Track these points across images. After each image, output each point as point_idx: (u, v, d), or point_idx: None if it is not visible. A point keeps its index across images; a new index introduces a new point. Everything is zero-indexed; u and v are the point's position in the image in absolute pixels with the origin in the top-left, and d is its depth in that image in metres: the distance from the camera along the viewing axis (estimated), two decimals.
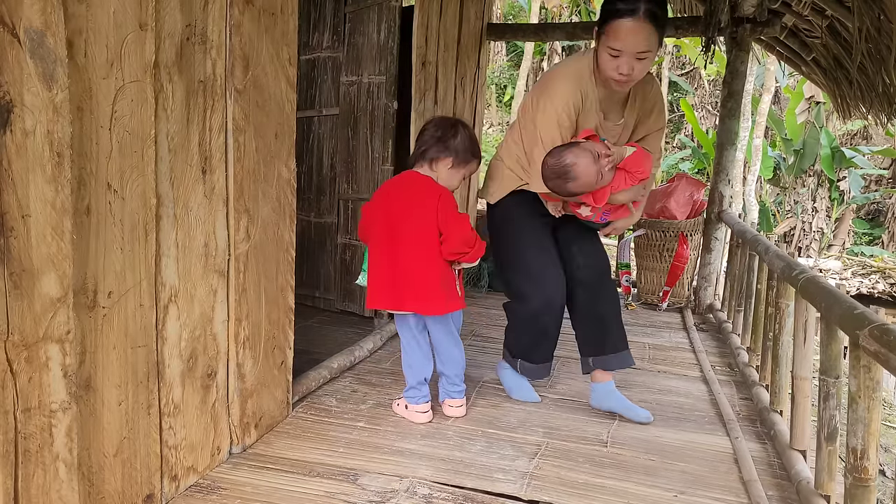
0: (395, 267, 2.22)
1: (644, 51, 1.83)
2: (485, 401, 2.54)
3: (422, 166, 2.28)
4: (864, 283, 7.75)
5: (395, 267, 2.22)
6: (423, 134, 2.30)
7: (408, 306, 2.24)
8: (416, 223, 2.20)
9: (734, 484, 1.97)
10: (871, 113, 4.24)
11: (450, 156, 2.25)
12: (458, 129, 2.28)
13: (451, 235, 2.20)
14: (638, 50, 1.84)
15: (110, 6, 1.36)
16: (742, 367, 2.95)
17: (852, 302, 1.61)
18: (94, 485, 1.46)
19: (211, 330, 1.83)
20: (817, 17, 3.82)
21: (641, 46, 1.82)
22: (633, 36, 1.81)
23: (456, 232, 2.20)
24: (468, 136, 2.29)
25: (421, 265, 2.20)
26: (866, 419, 1.47)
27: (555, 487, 1.91)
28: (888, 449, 4.73)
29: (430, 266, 2.20)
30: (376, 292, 2.26)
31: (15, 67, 1.15)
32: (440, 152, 2.24)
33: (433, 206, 2.20)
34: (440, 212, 2.20)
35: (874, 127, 10.79)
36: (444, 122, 2.31)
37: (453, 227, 2.20)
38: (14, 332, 1.20)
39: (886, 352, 1.31)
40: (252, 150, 1.91)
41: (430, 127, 2.30)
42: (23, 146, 1.18)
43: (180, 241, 1.66)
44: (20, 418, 1.23)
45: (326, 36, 3.62)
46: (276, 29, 1.97)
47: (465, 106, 4.13)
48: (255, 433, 2.09)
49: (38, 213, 1.22)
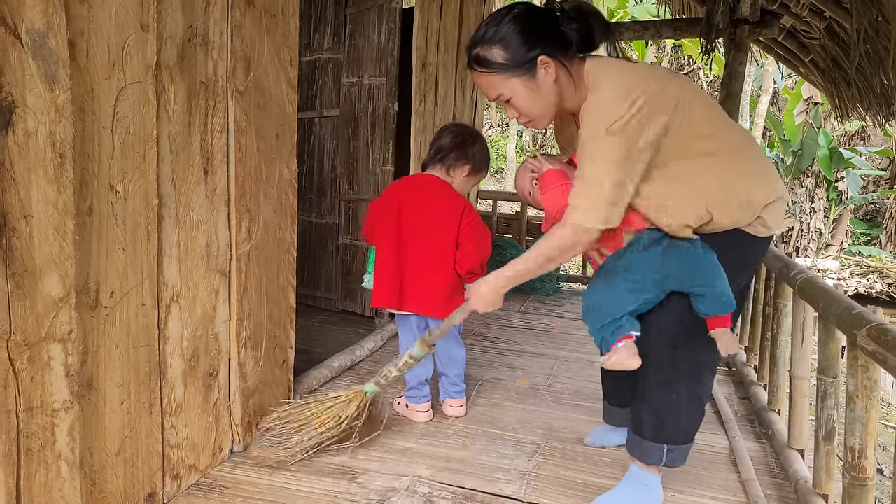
0: (404, 267, 2.22)
1: (496, 97, 1.63)
2: (485, 400, 2.55)
3: (438, 170, 2.28)
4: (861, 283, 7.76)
5: (404, 267, 2.22)
6: (441, 139, 2.29)
7: (414, 307, 2.24)
8: (432, 226, 2.20)
9: (732, 483, 1.97)
10: (869, 113, 4.26)
11: (469, 163, 2.26)
12: (477, 138, 2.31)
13: (472, 253, 2.21)
14: (491, 98, 1.66)
15: (112, 7, 1.37)
16: (740, 366, 2.95)
17: (850, 302, 1.62)
18: (96, 483, 1.46)
19: (213, 329, 1.83)
20: (815, 18, 3.84)
21: (491, 94, 1.64)
22: (482, 87, 1.66)
23: (478, 252, 2.22)
24: (484, 146, 2.33)
25: (432, 268, 2.21)
26: (864, 418, 1.48)
27: (554, 487, 1.91)
28: (886, 448, 4.75)
29: (441, 270, 2.21)
30: (382, 291, 2.25)
31: (17, 68, 1.16)
32: (459, 159, 2.25)
33: (456, 215, 2.20)
34: (465, 225, 2.21)
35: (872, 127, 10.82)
36: (463, 130, 2.31)
37: (478, 246, 2.22)
38: (16, 331, 1.21)
39: (884, 351, 1.32)
40: (253, 150, 1.92)
41: (449, 133, 2.29)
42: (25, 147, 1.18)
43: (182, 241, 1.67)
44: (22, 417, 1.24)
45: (327, 37, 3.63)
46: (277, 30, 1.98)
47: (465, 107, 4.13)
48: (257, 432, 2.10)
49: (40, 213, 1.22)
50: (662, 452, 1.74)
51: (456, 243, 2.22)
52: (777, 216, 1.67)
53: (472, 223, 2.23)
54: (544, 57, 1.55)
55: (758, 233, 1.66)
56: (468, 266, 2.22)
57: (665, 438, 1.73)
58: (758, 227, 1.65)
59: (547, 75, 1.57)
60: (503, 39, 1.56)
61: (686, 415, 1.73)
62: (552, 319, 3.87)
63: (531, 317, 3.91)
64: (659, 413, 1.73)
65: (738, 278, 1.70)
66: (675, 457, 1.75)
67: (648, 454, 1.75)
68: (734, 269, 1.68)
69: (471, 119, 4.31)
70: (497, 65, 1.56)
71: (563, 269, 5.14)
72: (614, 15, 12.26)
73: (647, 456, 1.76)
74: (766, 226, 1.66)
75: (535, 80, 1.57)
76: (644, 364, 1.69)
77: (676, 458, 1.76)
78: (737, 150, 1.64)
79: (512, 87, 1.59)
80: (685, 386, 1.72)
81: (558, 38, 1.57)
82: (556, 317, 3.94)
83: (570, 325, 3.76)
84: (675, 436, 1.73)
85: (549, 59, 1.56)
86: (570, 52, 1.59)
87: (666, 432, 1.73)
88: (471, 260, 2.22)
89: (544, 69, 1.56)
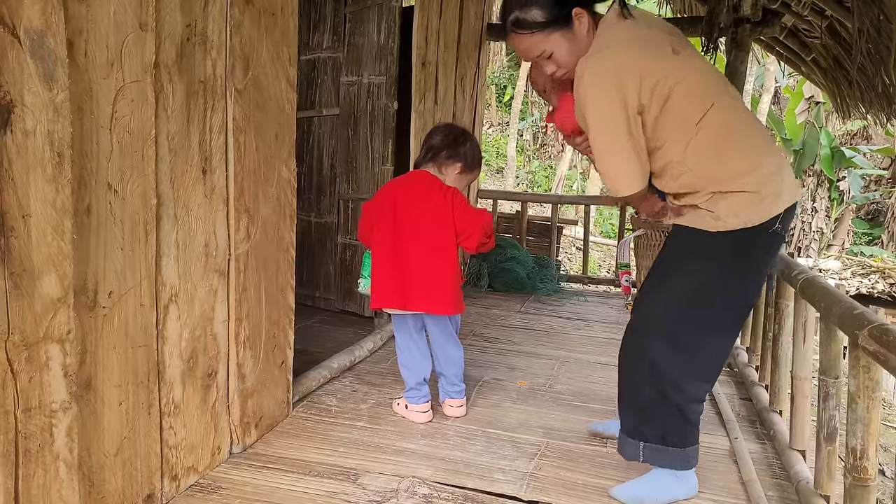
0: (404, 266, 2.22)
1: (538, 54, 1.75)
2: (485, 401, 2.54)
3: (430, 168, 2.29)
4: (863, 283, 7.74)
5: (404, 266, 2.22)
6: (432, 138, 2.31)
7: (417, 306, 2.23)
8: (428, 221, 2.21)
9: (733, 484, 1.97)
10: (871, 113, 4.24)
11: (460, 161, 2.28)
12: (468, 137, 2.34)
13: (472, 228, 2.22)
14: (530, 57, 1.77)
15: (110, 6, 1.36)
16: (742, 367, 2.95)
17: (852, 302, 1.61)
18: (94, 484, 1.46)
19: (211, 330, 1.83)
20: (817, 17, 3.83)
21: (533, 52, 1.74)
22: (522, 49, 1.76)
23: (477, 223, 2.23)
24: (476, 146, 2.35)
25: (434, 264, 2.21)
26: (866, 419, 1.47)
27: (554, 488, 1.91)
28: (887, 448, 4.74)
29: (444, 265, 2.21)
30: (382, 292, 2.24)
31: (15, 68, 1.15)
32: (450, 157, 2.27)
33: (447, 204, 2.21)
34: (456, 208, 2.22)
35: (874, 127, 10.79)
36: (454, 129, 2.35)
37: (474, 219, 2.23)
38: (15, 332, 1.20)
39: (886, 352, 1.31)
40: (252, 150, 1.91)
41: (440, 133, 2.32)
42: (23, 146, 1.18)
43: (181, 240, 1.67)
44: (21, 418, 1.23)
45: (326, 36, 3.62)
46: (276, 29, 1.97)
47: (464, 106, 4.13)
48: (256, 433, 2.09)
49: (38, 213, 1.22)
50: (638, 449, 1.80)
51: (454, 232, 2.22)
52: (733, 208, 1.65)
53: (460, 203, 2.24)
54: (578, 9, 1.68)
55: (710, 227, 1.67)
56: (476, 242, 2.24)
57: (639, 435, 1.80)
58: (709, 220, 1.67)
59: (581, 25, 1.69)
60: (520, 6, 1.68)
61: (658, 416, 1.76)
62: (552, 319, 3.86)
63: (531, 317, 3.90)
64: (627, 403, 1.84)
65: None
66: (655, 455, 1.79)
67: (624, 447, 1.85)
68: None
69: (471, 118, 4.30)
70: (538, 24, 1.68)
71: (564, 269, 5.13)
72: None
73: (623, 449, 1.85)
74: (719, 219, 1.65)
75: (572, 31, 1.69)
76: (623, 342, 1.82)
77: (659, 457, 1.79)
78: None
79: (554, 42, 1.70)
80: (654, 386, 1.74)
81: None
82: (555, 317, 3.93)
83: (569, 324, 3.76)
84: (648, 434, 1.79)
85: (582, 9, 1.69)
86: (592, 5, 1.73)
87: (639, 427, 1.80)
88: (475, 237, 2.23)
89: (578, 20, 1.69)
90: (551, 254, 4.89)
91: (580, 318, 3.89)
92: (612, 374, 2.90)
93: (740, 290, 1.72)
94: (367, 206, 2.34)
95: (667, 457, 1.79)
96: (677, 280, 1.74)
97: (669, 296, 1.74)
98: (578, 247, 9.54)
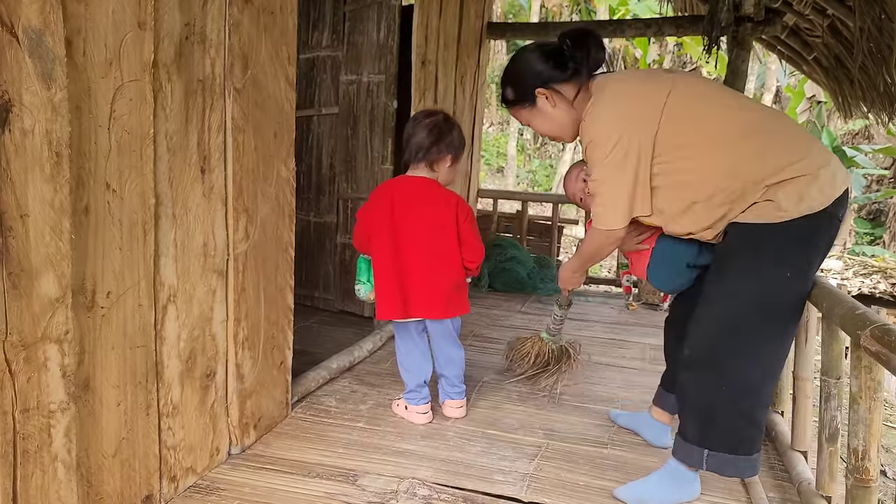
0: (404, 275, 2.19)
1: (525, 123, 2.00)
2: (485, 401, 2.53)
3: (421, 168, 2.23)
4: (865, 283, 7.73)
5: (404, 275, 2.19)
6: (417, 135, 2.20)
7: (420, 312, 2.22)
8: (430, 231, 2.18)
9: (735, 485, 1.96)
10: (873, 112, 4.24)
11: (450, 153, 2.22)
12: (451, 124, 2.25)
13: (477, 247, 2.25)
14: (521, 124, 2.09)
15: (109, 5, 1.35)
16: None
17: (854, 302, 1.60)
18: (92, 485, 1.45)
19: (210, 330, 1.82)
20: (818, 16, 3.82)
21: (520, 121, 2.02)
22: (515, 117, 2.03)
23: (476, 248, 2.25)
24: (458, 128, 2.27)
25: (437, 271, 2.19)
26: (867, 420, 1.46)
27: (555, 489, 1.90)
28: (889, 449, 4.73)
29: (447, 271, 2.20)
30: (387, 303, 2.20)
31: (14, 66, 1.15)
32: (441, 152, 2.20)
33: (452, 214, 2.20)
34: (461, 223, 2.22)
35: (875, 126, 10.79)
36: (437, 120, 2.22)
37: (474, 242, 2.25)
38: (13, 332, 1.19)
39: (888, 352, 1.31)
40: (251, 149, 1.91)
41: (424, 128, 2.20)
42: (21, 145, 1.17)
43: (179, 240, 1.66)
44: (19, 419, 1.23)
45: (326, 35, 3.62)
46: (275, 28, 1.97)
47: (464, 105, 4.12)
48: (254, 434, 2.09)
49: (36, 212, 1.21)
50: (702, 457, 1.75)
51: (458, 241, 2.21)
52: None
53: (468, 219, 2.24)
54: (540, 89, 1.86)
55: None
56: (478, 260, 2.27)
57: (706, 443, 1.74)
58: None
59: (545, 103, 1.88)
60: (510, 81, 1.94)
61: (726, 426, 1.72)
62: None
63: (531, 317, 3.89)
64: (692, 413, 1.80)
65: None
66: (721, 464, 1.74)
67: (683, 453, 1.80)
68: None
69: (471, 116, 4.29)
70: (511, 102, 1.96)
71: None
72: (616, 12, 12.23)
73: (683, 455, 1.81)
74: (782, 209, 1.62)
75: (537, 108, 1.90)
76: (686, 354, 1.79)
77: (726, 466, 1.74)
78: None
79: (527, 115, 1.95)
80: (725, 393, 1.70)
81: (561, 69, 1.84)
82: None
83: (570, 325, 3.75)
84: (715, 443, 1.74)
85: (545, 90, 1.86)
86: (578, 78, 1.85)
87: (706, 436, 1.75)
88: (479, 253, 2.26)
89: (543, 98, 1.87)
90: (552, 254, 4.89)
91: (581, 319, 3.89)
92: (613, 375, 2.91)
93: (803, 281, 1.70)
94: (361, 213, 2.28)
95: (733, 465, 1.74)
96: (739, 281, 1.69)
97: (735, 299, 1.69)
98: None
